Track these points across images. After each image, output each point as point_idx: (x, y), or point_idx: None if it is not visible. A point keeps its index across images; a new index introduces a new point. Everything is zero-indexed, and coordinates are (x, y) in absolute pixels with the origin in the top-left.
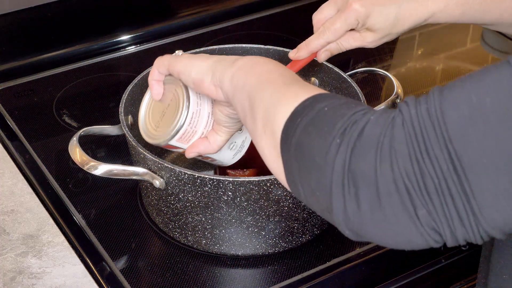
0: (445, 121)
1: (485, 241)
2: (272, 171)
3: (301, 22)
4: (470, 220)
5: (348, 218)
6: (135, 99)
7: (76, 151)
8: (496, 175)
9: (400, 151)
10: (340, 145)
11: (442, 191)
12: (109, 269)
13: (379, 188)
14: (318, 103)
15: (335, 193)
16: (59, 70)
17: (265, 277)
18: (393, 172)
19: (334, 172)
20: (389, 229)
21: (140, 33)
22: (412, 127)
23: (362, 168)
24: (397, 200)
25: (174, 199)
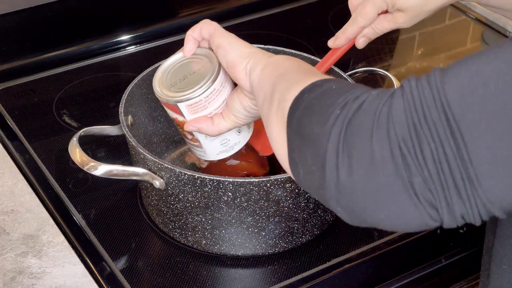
0: (444, 88)
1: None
2: (277, 155)
3: (301, 22)
4: (467, 190)
5: (340, 191)
6: (135, 99)
7: (76, 151)
8: (494, 140)
9: (397, 118)
10: (338, 116)
11: (439, 157)
12: (109, 269)
13: (374, 155)
14: (328, 83)
15: (328, 162)
16: (59, 70)
17: (265, 277)
18: (389, 139)
19: (329, 141)
20: (382, 200)
21: (140, 33)
22: (411, 95)
23: (357, 135)
24: (391, 167)
25: (174, 200)
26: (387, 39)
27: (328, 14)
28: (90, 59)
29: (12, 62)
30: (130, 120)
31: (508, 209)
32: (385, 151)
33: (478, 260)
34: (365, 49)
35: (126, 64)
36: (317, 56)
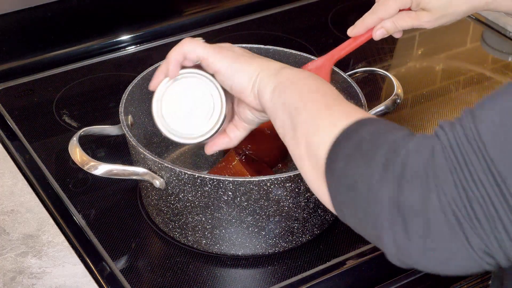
0: (482, 141)
1: None
2: (316, 194)
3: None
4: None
5: (400, 251)
6: (135, 99)
7: (76, 151)
8: None
9: (444, 179)
10: (384, 178)
11: (491, 215)
12: (109, 269)
13: (428, 218)
14: (359, 130)
15: (384, 226)
16: (59, 70)
17: (265, 277)
18: (440, 202)
19: (381, 206)
20: (442, 258)
21: (140, 33)
22: (453, 152)
23: (409, 200)
24: (447, 229)
25: (174, 199)
26: (387, 39)
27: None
28: (90, 59)
29: (12, 62)
30: (130, 120)
31: None
32: (438, 214)
33: None
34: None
35: (126, 64)
36: (317, 56)
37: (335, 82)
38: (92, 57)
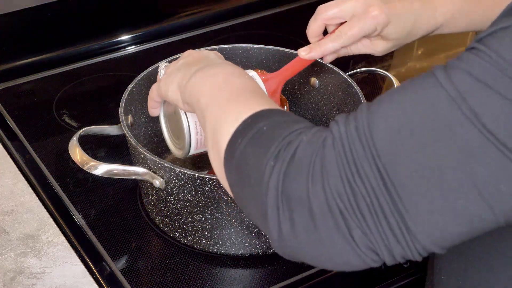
0: (372, 137)
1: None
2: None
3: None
4: (405, 238)
5: (284, 241)
6: (135, 99)
7: (76, 151)
8: (428, 190)
9: (331, 171)
10: (274, 168)
11: (375, 210)
12: (109, 269)
13: (312, 210)
14: (258, 122)
15: (270, 216)
16: (59, 70)
17: (265, 277)
18: (325, 194)
19: (268, 195)
20: (325, 251)
21: (140, 33)
22: (342, 146)
23: (295, 190)
24: (331, 221)
25: (174, 199)
26: None
27: None
28: (90, 59)
29: (12, 62)
30: (130, 120)
31: (446, 246)
32: (323, 206)
33: None
34: None
35: (126, 64)
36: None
37: (335, 82)
38: (92, 57)
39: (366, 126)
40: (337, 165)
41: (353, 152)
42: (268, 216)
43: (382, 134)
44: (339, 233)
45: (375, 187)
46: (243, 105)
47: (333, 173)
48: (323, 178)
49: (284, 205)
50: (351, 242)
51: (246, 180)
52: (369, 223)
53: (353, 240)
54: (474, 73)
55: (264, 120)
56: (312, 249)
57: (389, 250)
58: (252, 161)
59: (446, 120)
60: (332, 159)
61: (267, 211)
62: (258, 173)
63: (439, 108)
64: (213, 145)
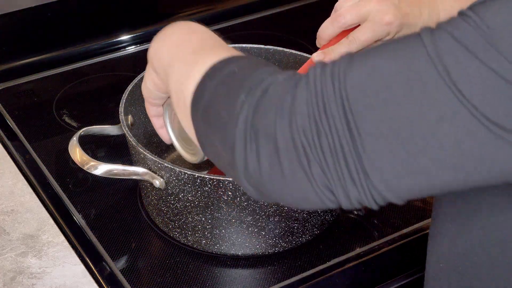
0: (345, 81)
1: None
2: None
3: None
4: (361, 181)
5: (249, 174)
6: (135, 99)
7: (76, 151)
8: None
9: (299, 109)
10: (245, 102)
11: (336, 150)
12: (109, 269)
13: (278, 144)
14: (229, 65)
15: (237, 148)
16: (59, 70)
17: (265, 277)
18: (291, 129)
19: (237, 127)
20: (286, 186)
21: (140, 33)
22: (314, 86)
23: (263, 124)
24: (294, 156)
25: (174, 199)
26: None
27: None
28: (90, 59)
29: (12, 62)
30: (130, 120)
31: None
32: (287, 141)
33: None
34: None
35: (126, 64)
36: None
37: None
38: (92, 57)
39: (342, 71)
40: (306, 103)
41: (324, 93)
42: (236, 148)
43: (355, 80)
44: (300, 168)
45: (339, 128)
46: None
47: (301, 110)
48: (291, 114)
49: (252, 138)
50: (310, 178)
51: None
52: (328, 161)
53: (312, 176)
54: (455, 35)
55: (234, 63)
56: (275, 183)
57: (345, 191)
58: (223, 98)
59: (419, 74)
60: (302, 98)
61: (235, 143)
62: (229, 108)
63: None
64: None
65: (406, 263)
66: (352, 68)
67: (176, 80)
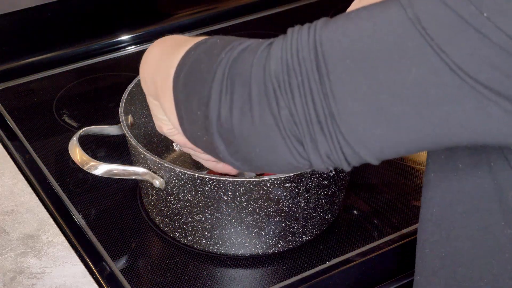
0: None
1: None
2: (174, 126)
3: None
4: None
5: (221, 125)
6: (135, 99)
7: (76, 151)
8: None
9: (274, 55)
10: (224, 58)
11: (305, 91)
12: (109, 269)
13: (251, 89)
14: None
15: (213, 100)
16: (59, 70)
17: (265, 277)
18: (264, 73)
19: (214, 79)
20: (256, 133)
21: (140, 33)
22: (291, 36)
23: (239, 71)
24: (264, 101)
25: (174, 199)
26: None
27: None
28: (90, 59)
29: (12, 62)
30: (130, 119)
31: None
32: (260, 85)
33: None
34: None
35: (126, 64)
36: None
37: None
38: (92, 57)
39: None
40: (281, 49)
41: (298, 39)
42: (211, 100)
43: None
44: (269, 113)
45: (309, 69)
46: (186, 45)
47: (275, 55)
48: (266, 60)
49: (227, 87)
50: (279, 123)
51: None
52: (297, 103)
53: (281, 121)
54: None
55: (217, 38)
56: (244, 131)
57: (313, 140)
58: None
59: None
60: (278, 46)
61: (211, 95)
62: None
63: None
64: (163, 86)
65: (406, 263)
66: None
67: (162, 70)
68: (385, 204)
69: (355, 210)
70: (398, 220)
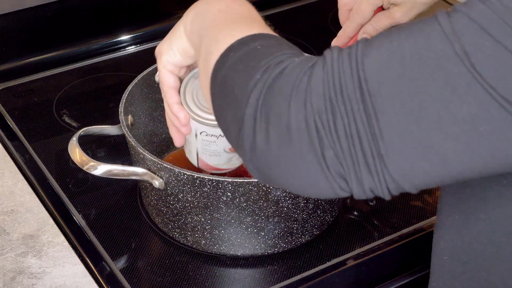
0: (363, 62)
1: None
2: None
3: (301, 22)
4: (376, 165)
5: (256, 154)
6: (135, 99)
7: (75, 151)
8: (407, 121)
9: (315, 89)
10: (259, 81)
11: (351, 132)
12: (109, 269)
13: (290, 124)
14: (254, 41)
15: (246, 126)
16: (59, 70)
17: (264, 277)
18: (306, 109)
19: (248, 104)
20: (295, 168)
21: (140, 33)
22: (331, 67)
23: (276, 103)
24: (306, 138)
25: (174, 199)
26: None
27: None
28: (90, 59)
29: (12, 62)
30: (130, 120)
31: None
32: (300, 122)
33: None
34: None
35: (126, 64)
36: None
37: None
38: (92, 57)
39: (360, 52)
40: (323, 84)
41: (341, 73)
42: (244, 125)
43: (372, 60)
44: (312, 151)
45: (355, 110)
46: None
47: (317, 90)
48: (306, 94)
49: (262, 116)
50: (321, 162)
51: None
52: (343, 145)
53: (324, 160)
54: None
55: (259, 40)
56: (283, 165)
57: (358, 177)
58: (240, 74)
59: (436, 54)
60: (319, 78)
61: (244, 119)
62: (243, 85)
63: (432, 42)
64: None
65: (406, 263)
66: (370, 49)
67: (206, 49)
68: (385, 204)
69: (354, 210)
70: (398, 220)
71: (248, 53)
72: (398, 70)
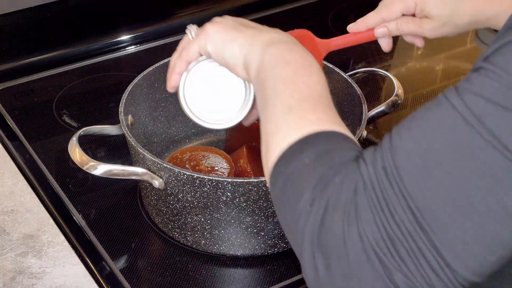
0: (402, 178)
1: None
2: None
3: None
4: (445, 272)
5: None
6: (135, 99)
7: (75, 151)
8: (460, 220)
9: (365, 219)
10: (309, 216)
11: (414, 253)
12: (109, 269)
13: (349, 258)
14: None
15: (306, 260)
16: (59, 70)
17: (264, 277)
18: (363, 242)
19: (304, 242)
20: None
21: (140, 33)
22: (373, 190)
23: (330, 239)
24: (369, 269)
25: (173, 199)
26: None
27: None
28: (90, 59)
29: (12, 62)
30: (130, 119)
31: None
32: (360, 254)
33: None
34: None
35: (126, 64)
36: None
37: (335, 82)
38: (92, 57)
39: (393, 166)
40: (371, 211)
41: (385, 196)
42: (304, 259)
43: (409, 173)
44: (379, 278)
45: (411, 231)
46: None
47: (367, 220)
48: (358, 226)
49: (319, 253)
50: (389, 285)
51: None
52: (410, 266)
53: (395, 283)
54: (485, 95)
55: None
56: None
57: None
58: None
59: (467, 146)
60: (365, 206)
61: (303, 254)
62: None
63: (459, 135)
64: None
65: None
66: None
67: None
68: None
69: None
70: None
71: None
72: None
